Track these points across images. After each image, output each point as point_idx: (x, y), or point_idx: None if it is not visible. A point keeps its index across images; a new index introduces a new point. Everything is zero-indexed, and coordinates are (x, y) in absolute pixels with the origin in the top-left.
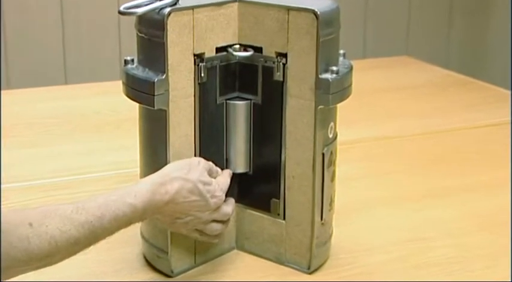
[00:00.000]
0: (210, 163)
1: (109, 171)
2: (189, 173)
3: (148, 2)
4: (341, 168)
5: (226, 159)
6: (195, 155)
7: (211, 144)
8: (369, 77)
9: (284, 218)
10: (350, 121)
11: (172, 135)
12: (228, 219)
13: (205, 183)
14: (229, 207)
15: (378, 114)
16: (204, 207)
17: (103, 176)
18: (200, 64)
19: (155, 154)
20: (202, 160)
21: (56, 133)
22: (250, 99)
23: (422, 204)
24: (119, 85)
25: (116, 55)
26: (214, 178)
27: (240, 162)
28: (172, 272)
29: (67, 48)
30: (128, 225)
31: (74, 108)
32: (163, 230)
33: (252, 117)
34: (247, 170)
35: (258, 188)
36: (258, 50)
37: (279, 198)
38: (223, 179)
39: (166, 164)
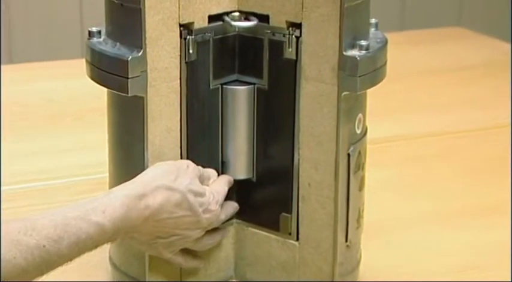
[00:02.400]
0: (200, 168)
1: (68, 177)
2: (176, 181)
3: None
4: (372, 173)
5: (223, 162)
6: (181, 156)
7: (202, 142)
8: (409, 55)
9: (297, 239)
10: (384, 112)
11: (151, 129)
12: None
13: (196, 194)
14: (227, 210)
15: (420, 104)
16: (194, 225)
17: (60, 184)
18: (188, 37)
19: (129, 155)
20: (191, 163)
21: None
22: (254, 84)
23: (479, 223)
24: (81, 64)
25: (76, 25)
26: (207, 186)
27: (241, 166)
28: None
29: (12, 18)
30: (93, 249)
31: (22, 94)
32: (139, 253)
33: (256, 107)
34: (250, 175)
35: (263, 199)
36: (263, 18)
37: (290, 213)
38: (220, 187)
39: (143, 167)
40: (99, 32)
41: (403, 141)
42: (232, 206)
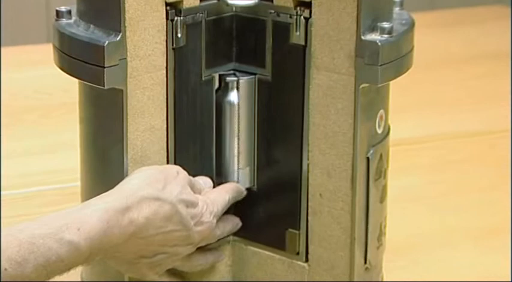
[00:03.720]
0: (191, 178)
1: (34, 186)
2: (165, 189)
3: None
4: (396, 181)
5: (218, 168)
6: (167, 160)
7: (193, 144)
8: (440, 39)
9: (307, 260)
10: (410, 108)
11: (132, 129)
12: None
13: (188, 204)
14: (225, 225)
15: (454, 98)
16: (184, 240)
17: (24, 194)
18: (176, 18)
19: (105, 159)
20: (181, 170)
21: None
22: (254, 74)
23: None
24: (48, 51)
25: (41, 4)
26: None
27: (239, 173)
28: None
29: None
30: (66, 271)
31: None
32: (118, 274)
33: (257, 102)
34: (250, 184)
35: (266, 212)
36: None
37: (298, 229)
38: (218, 196)
39: (122, 173)
40: (69, 12)
41: (433, 142)
42: (233, 221)
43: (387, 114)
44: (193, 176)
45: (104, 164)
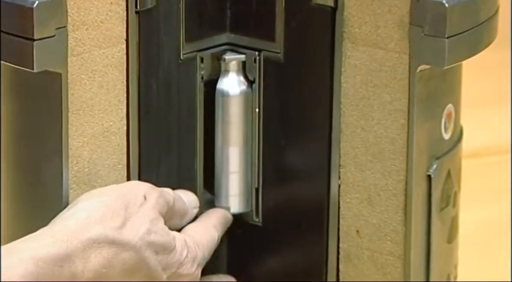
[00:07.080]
0: (168, 194)
1: None
2: (125, 227)
3: None
4: (474, 211)
5: (206, 191)
6: (128, 177)
7: (166, 155)
8: None
9: None
10: (492, 102)
11: (75, 133)
12: None
13: (159, 249)
14: None
15: None
16: None
17: None
18: None
19: (36, 178)
20: (150, 189)
21: None
22: (259, 51)
23: None
24: None
25: None
26: (177, 230)
27: (235, 198)
28: None
29: None
30: None
31: None
32: None
33: (263, 93)
34: (253, 217)
35: (276, 257)
36: None
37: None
38: (204, 233)
39: (60, 201)
40: None
41: None
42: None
43: (458, 112)
44: None
45: (34, 185)
